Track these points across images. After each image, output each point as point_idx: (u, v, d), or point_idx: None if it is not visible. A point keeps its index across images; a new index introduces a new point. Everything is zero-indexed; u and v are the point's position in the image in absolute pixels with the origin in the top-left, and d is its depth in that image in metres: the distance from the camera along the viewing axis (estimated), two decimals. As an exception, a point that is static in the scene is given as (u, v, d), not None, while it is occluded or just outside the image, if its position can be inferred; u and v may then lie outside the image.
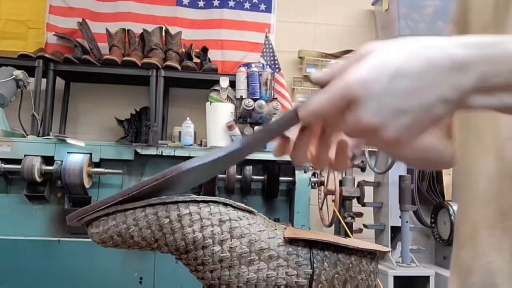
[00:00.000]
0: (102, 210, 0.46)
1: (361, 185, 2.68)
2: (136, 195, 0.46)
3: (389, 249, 0.45)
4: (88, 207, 0.47)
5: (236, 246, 0.46)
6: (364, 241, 0.51)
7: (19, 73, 2.49)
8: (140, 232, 0.46)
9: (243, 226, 0.47)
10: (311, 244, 0.47)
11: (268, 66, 2.72)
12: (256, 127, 2.54)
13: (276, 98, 2.67)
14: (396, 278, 2.56)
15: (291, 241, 0.47)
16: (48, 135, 2.58)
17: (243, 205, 0.50)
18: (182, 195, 0.47)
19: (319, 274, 0.46)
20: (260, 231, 0.47)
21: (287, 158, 2.12)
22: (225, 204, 0.48)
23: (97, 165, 2.29)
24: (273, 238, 0.47)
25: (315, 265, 0.46)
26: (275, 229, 0.49)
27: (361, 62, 0.41)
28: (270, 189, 2.38)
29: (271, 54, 2.78)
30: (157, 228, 0.46)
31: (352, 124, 0.41)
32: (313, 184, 2.42)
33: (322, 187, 2.62)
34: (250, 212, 0.49)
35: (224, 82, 2.67)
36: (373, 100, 0.39)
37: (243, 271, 0.46)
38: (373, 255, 0.50)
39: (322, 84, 0.44)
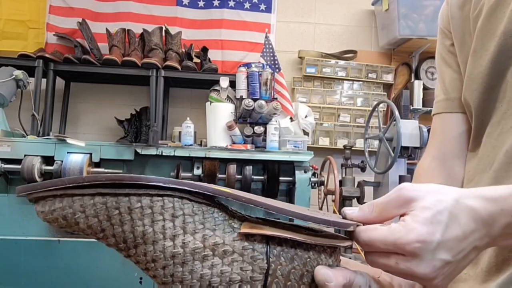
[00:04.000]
0: (49, 191, 0.45)
1: (361, 185, 2.67)
2: (86, 185, 0.45)
3: (350, 243, 0.45)
4: (37, 184, 0.45)
5: (189, 242, 0.45)
6: (329, 234, 0.50)
7: (19, 73, 2.49)
8: (87, 219, 0.44)
9: (197, 221, 0.46)
10: (268, 239, 0.46)
11: (268, 66, 2.72)
12: (256, 127, 2.53)
13: (276, 98, 2.67)
14: (396, 278, 2.55)
15: (247, 236, 0.46)
16: (48, 135, 2.58)
17: (202, 195, 0.47)
18: (135, 187, 0.45)
19: (275, 269, 0.45)
20: (215, 225, 0.46)
21: (287, 158, 2.10)
22: (181, 198, 0.46)
23: (97, 165, 2.29)
24: (229, 232, 0.46)
25: (271, 259, 0.45)
26: (233, 223, 0.47)
27: (409, 213, 0.46)
28: (270, 189, 2.38)
29: (271, 54, 2.77)
30: (105, 218, 0.44)
31: (406, 271, 0.46)
32: (313, 184, 2.42)
33: (322, 187, 2.61)
34: (207, 204, 0.48)
35: (224, 82, 2.67)
36: (428, 255, 0.45)
37: (197, 267, 0.44)
38: (333, 249, 0.49)
39: (356, 222, 0.49)
